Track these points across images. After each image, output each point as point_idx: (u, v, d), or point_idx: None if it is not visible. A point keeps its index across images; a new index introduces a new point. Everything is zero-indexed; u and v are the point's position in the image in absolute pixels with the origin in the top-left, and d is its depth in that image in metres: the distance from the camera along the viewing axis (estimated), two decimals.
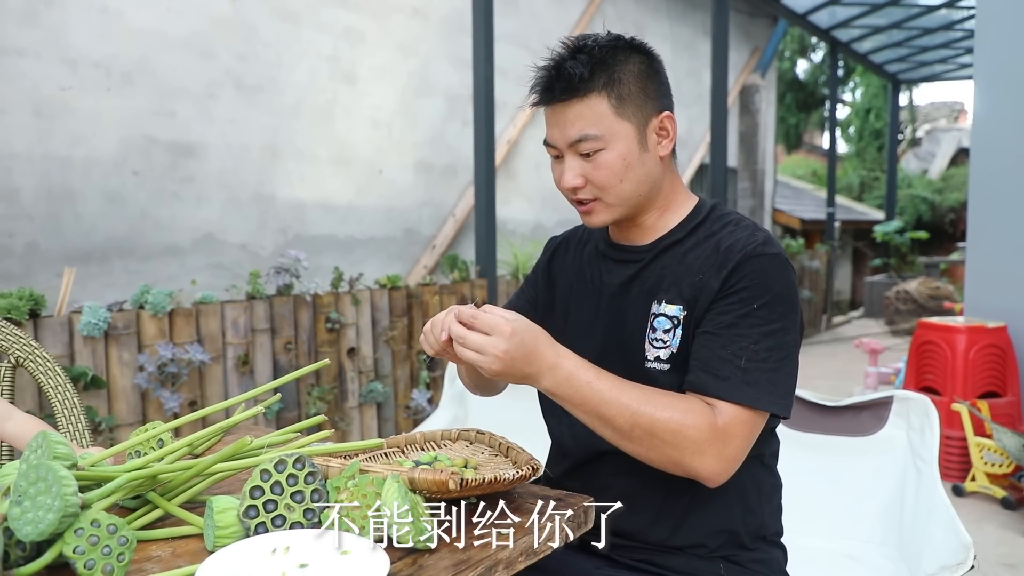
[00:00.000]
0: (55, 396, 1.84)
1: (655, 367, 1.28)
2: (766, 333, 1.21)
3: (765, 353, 1.20)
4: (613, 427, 1.17)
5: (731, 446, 1.17)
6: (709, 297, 1.24)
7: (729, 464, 1.18)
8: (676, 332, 1.27)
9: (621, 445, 1.19)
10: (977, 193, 4.59)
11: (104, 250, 4.16)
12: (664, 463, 1.18)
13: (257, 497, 1.01)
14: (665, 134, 1.32)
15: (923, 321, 4.53)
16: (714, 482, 1.18)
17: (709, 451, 1.15)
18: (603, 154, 1.26)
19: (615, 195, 1.29)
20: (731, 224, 1.33)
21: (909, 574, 1.92)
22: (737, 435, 1.17)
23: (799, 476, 2.18)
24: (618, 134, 1.26)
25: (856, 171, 18.54)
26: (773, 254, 1.24)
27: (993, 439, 3.78)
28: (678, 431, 1.15)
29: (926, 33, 9.80)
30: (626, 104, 1.26)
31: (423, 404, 4.10)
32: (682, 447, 1.15)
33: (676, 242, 1.34)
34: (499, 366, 1.13)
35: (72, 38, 4.00)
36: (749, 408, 1.18)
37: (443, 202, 6.21)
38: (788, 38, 17.12)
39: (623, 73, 1.26)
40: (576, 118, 1.26)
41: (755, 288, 1.22)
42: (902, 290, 9.85)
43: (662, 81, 1.33)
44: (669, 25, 8.68)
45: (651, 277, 1.34)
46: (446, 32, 6.09)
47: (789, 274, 1.25)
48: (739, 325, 1.21)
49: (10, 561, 0.93)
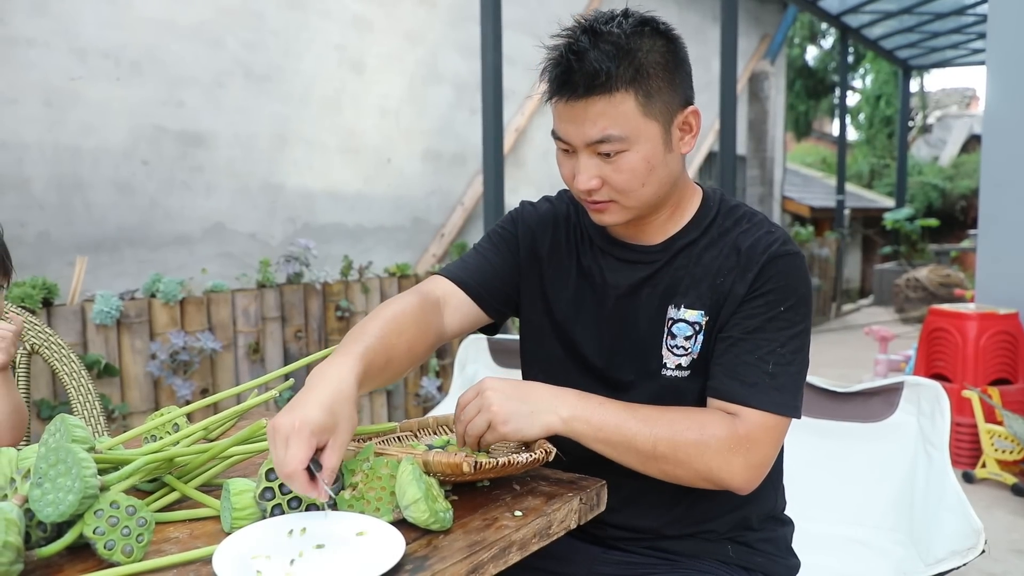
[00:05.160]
0: (70, 383, 1.85)
1: (675, 374, 1.24)
2: (792, 336, 1.19)
3: (791, 356, 1.18)
4: (635, 448, 1.13)
5: (758, 453, 1.15)
6: (736, 302, 1.20)
7: (758, 471, 1.16)
8: (698, 339, 1.23)
9: (645, 467, 1.15)
10: (989, 180, 4.56)
11: (115, 239, 4.18)
12: (691, 478, 1.15)
13: (273, 479, 1.02)
14: (689, 130, 1.21)
15: (934, 308, 4.51)
16: (744, 490, 1.17)
17: (735, 460, 1.13)
18: (626, 156, 1.14)
19: (635, 198, 1.19)
20: (744, 220, 1.27)
21: (919, 560, 1.92)
22: (763, 441, 1.16)
23: (809, 462, 2.19)
24: (643, 135, 1.14)
25: (866, 158, 18.43)
26: (795, 253, 1.21)
27: (1004, 426, 3.77)
28: (700, 442, 1.13)
29: (937, 18, 9.71)
30: (654, 101, 1.13)
31: (433, 392, 4.12)
32: (707, 459, 1.13)
33: (690, 243, 1.26)
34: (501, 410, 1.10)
35: (81, 28, 4.00)
36: (775, 414, 1.16)
37: (451, 190, 6.21)
38: (798, 24, 16.99)
39: (650, 65, 1.12)
40: (599, 117, 1.12)
41: (781, 291, 1.19)
42: (912, 278, 9.80)
43: (687, 71, 1.19)
44: (677, 11, 8.63)
45: (664, 280, 1.26)
46: (454, 20, 6.07)
47: (807, 273, 1.24)
48: (766, 329, 1.18)
49: (31, 542, 0.94)
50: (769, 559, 1.35)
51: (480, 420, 1.11)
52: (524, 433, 1.11)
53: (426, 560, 0.92)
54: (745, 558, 1.33)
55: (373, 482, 1.04)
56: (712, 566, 1.30)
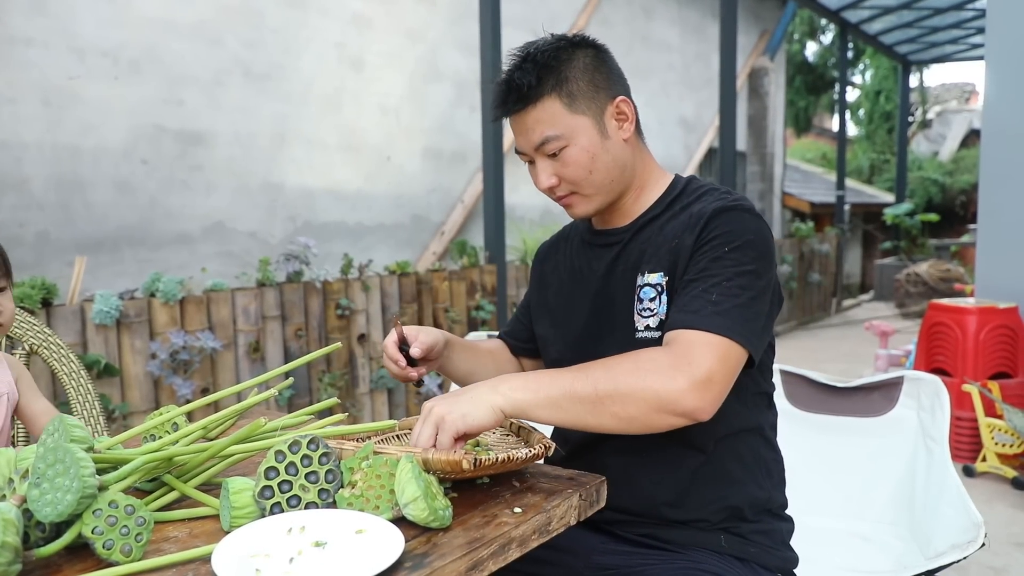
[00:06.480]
0: (69, 383, 1.85)
1: (646, 336, 1.31)
2: (738, 272, 1.22)
3: (737, 290, 1.20)
4: (580, 399, 1.15)
5: (700, 367, 1.13)
6: (687, 256, 1.27)
7: (707, 387, 1.14)
8: (661, 299, 1.31)
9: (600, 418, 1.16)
10: (988, 175, 4.56)
11: (115, 239, 4.18)
12: (646, 412, 1.14)
13: (272, 478, 1.02)
14: (624, 118, 1.35)
15: (934, 303, 4.51)
16: (703, 411, 1.14)
17: (678, 376, 1.13)
18: (568, 151, 1.31)
19: (589, 185, 1.34)
20: (706, 193, 1.37)
21: (920, 553, 1.93)
22: (703, 355, 1.15)
23: (810, 457, 2.19)
24: (576, 129, 1.31)
25: (866, 154, 18.42)
26: (745, 208, 1.28)
27: (1004, 420, 3.77)
28: (636, 369, 1.14)
29: (937, 13, 9.70)
30: (577, 100, 1.31)
31: (434, 389, 4.12)
32: (648, 382, 1.13)
33: (654, 218, 1.39)
34: (442, 407, 1.15)
35: (80, 27, 4.00)
36: (714, 333, 1.16)
37: (452, 188, 6.21)
38: (797, 20, 16.98)
39: (570, 71, 1.30)
40: (535, 123, 1.31)
41: (726, 235, 1.24)
42: (912, 273, 9.80)
43: (611, 69, 1.36)
44: (677, 8, 8.62)
45: (633, 253, 1.38)
46: (453, 17, 6.07)
47: (760, 226, 1.27)
48: (711, 268, 1.23)
49: (30, 542, 0.94)
50: (764, 550, 1.36)
51: (427, 427, 1.15)
52: (473, 417, 1.15)
53: (425, 557, 0.92)
54: (739, 548, 1.34)
55: (372, 480, 1.04)
56: (707, 556, 1.31)
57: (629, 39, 7.90)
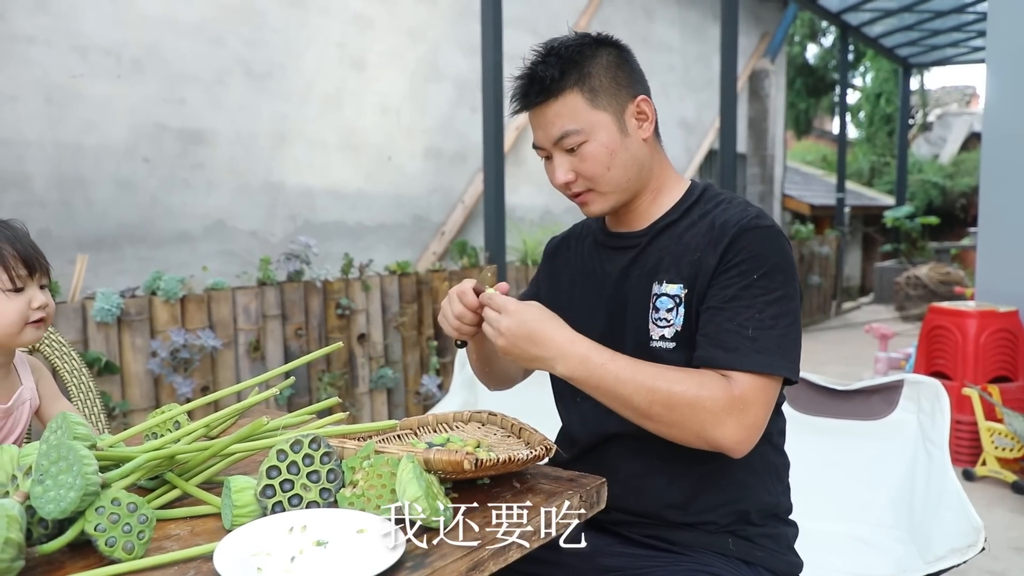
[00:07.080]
0: (71, 380, 1.85)
1: (660, 346, 1.30)
2: (769, 301, 1.23)
3: (771, 321, 1.22)
4: (632, 406, 1.19)
5: (750, 414, 1.19)
6: (708, 273, 1.27)
7: (750, 432, 1.19)
8: (679, 310, 1.30)
9: (643, 424, 1.21)
10: (989, 178, 4.56)
11: (116, 237, 4.19)
12: (686, 437, 1.20)
13: (274, 477, 1.03)
14: (644, 117, 1.35)
15: (934, 306, 4.51)
16: (737, 452, 1.20)
17: (728, 421, 1.17)
18: (587, 146, 1.31)
19: (606, 183, 1.33)
20: (724, 202, 1.35)
21: (920, 557, 1.93)
22: (754, 402, 1.19)
23: (810, 460, 2.19)
24: (597, 124, 1.31)
25: (866, 156, 18.41)
26: (767, 226, 1.27)
27: (1004, 423, 3.77)
28: (695, 403, 1.17)
29: (937, 16, 9.70)
30: (599, 95, 1.31)
31: (433, 390, 4.12)
32: (701, 419, 1.17)
33: (671, 223, 1.37)
34: (502, 342, 1.21)
35: (82, 25, 4.00)
36: (762, 375, 1.20)
37: (452, 188, 6.21)
38: (798, 22, 16.98)
39: (593, 67, 1.31)
40: (555, 117, 1.31)
41: (753, 260, 1.24)
42: (912, 276, 9.80)
43: (633, 68, 1.37)
44: (678, 10, 8.62)
45: (650, 260, 1.36)
46: (454, 17, 6.07)
47: (784, 244, 1.28)
48: (742, 297, 1.23)
49: (33, 539, 0.95)
50: (770, 554, 1.36)
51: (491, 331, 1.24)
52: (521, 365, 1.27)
53: (426, 557, 0.92)
54: (745, 552, 1.34)
55: (374, 480, 1.04)
56: (713, 558, 1.32)
57: (629, 40, 7.73)
